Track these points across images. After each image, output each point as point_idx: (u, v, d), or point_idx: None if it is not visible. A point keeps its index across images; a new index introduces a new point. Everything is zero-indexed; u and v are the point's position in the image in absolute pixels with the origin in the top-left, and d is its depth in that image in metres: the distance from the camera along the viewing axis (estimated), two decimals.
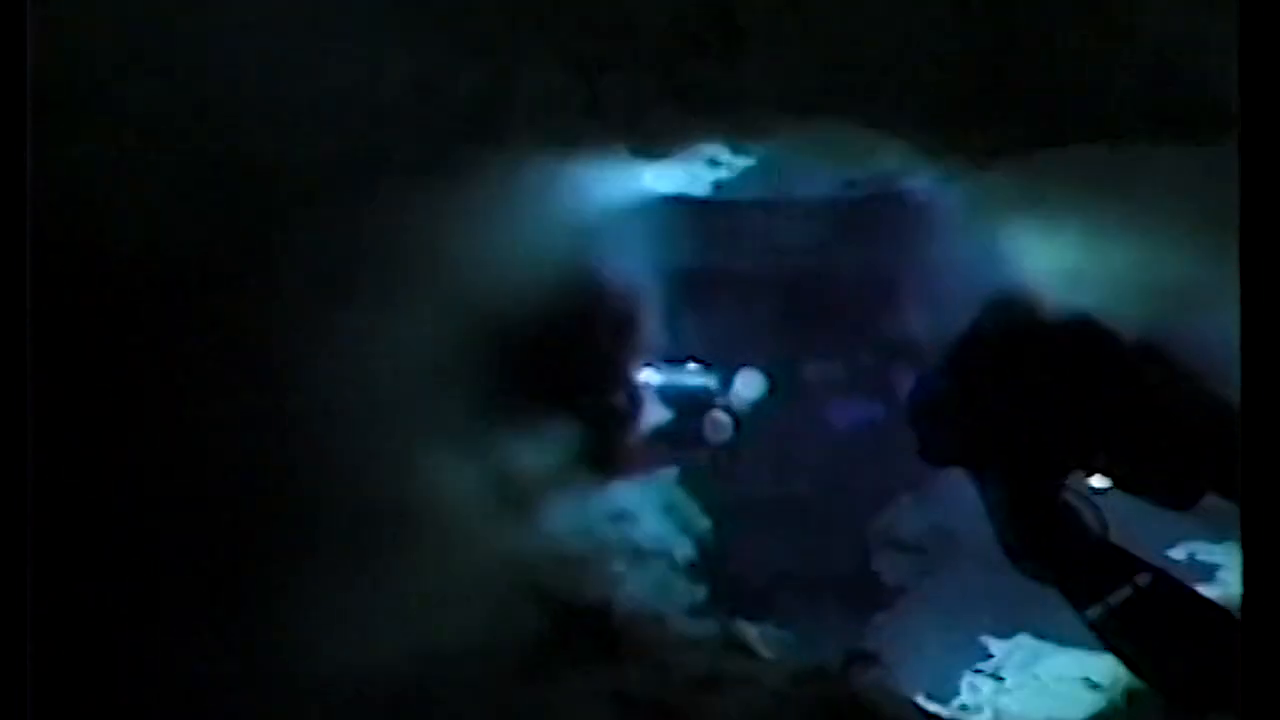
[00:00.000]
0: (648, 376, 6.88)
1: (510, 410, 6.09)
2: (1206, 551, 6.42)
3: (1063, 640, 6.00)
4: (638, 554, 7.40)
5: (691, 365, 7.39)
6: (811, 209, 8.08)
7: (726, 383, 7.69)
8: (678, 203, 7.11)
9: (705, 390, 7.51)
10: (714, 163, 6.23)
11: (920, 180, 6.41)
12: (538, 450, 6.50)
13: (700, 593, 7.39)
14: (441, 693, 4.27)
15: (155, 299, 4.52)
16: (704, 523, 8.17)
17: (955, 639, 6.58)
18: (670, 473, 8.51)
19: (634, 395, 6.76)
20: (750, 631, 6.06)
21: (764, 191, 7.46)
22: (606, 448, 7.00)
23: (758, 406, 7.38)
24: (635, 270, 7.09)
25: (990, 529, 6.03)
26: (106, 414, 4.31)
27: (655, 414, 7.12)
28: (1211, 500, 4.87)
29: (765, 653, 5.81)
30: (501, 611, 4.94)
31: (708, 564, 7.99)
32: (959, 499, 7.89)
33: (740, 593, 8.48)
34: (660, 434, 7.21)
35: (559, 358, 6.35)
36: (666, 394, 7.23)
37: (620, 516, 7.76)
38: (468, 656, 4.47)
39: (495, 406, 5.89)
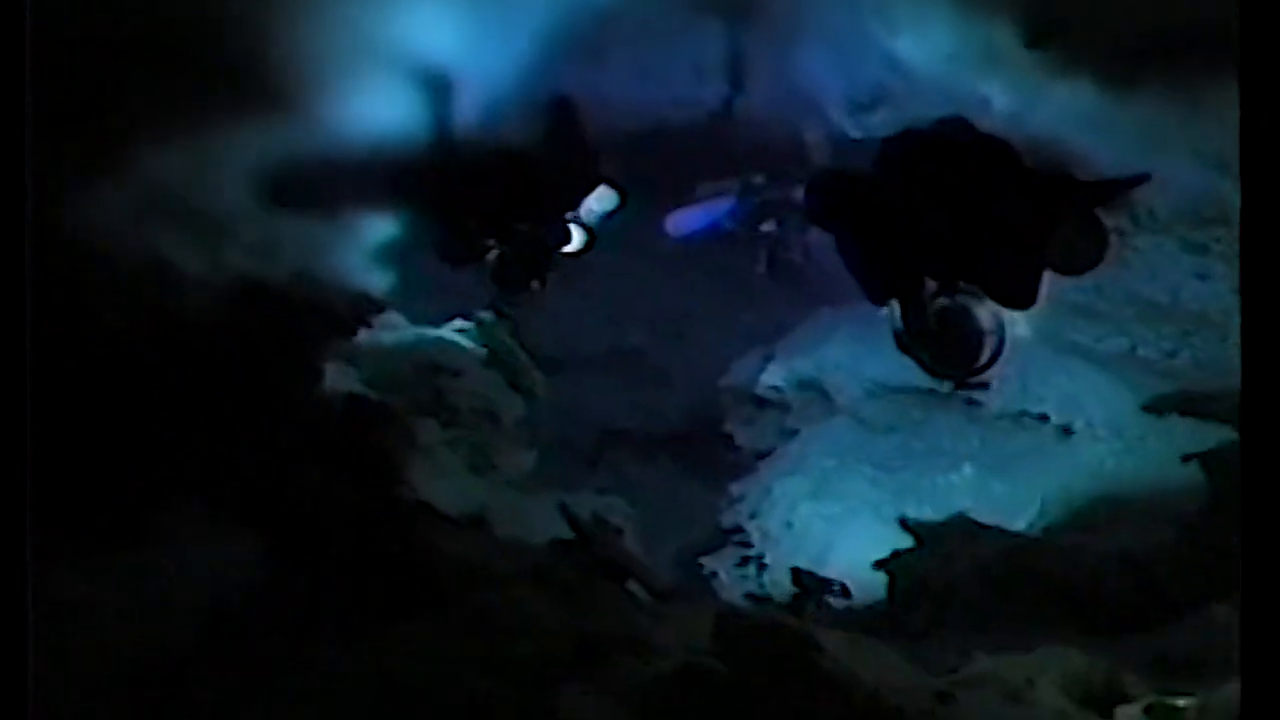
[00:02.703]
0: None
1: None
2: None
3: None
4: (455, 414, 6.11)
5: None
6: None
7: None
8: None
9: None
10: None
11: None
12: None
13: (530, 460, 6.21)
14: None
15: None
16: (535, 376, 6.92)
17: (832, 511, 5.56)
18: (497, 319, 7.21)
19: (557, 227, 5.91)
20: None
21: None
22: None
23: (608, 218, 6.23)
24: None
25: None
26: None
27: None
28: None
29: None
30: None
31: (539, 427, 6.81)
32: (826, 346, 6.93)
33: (575, 462, 7.41)
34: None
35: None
36: None
37: (437, 369, 6.42)
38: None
39: None
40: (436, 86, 5.86)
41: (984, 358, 4.47)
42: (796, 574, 4.37)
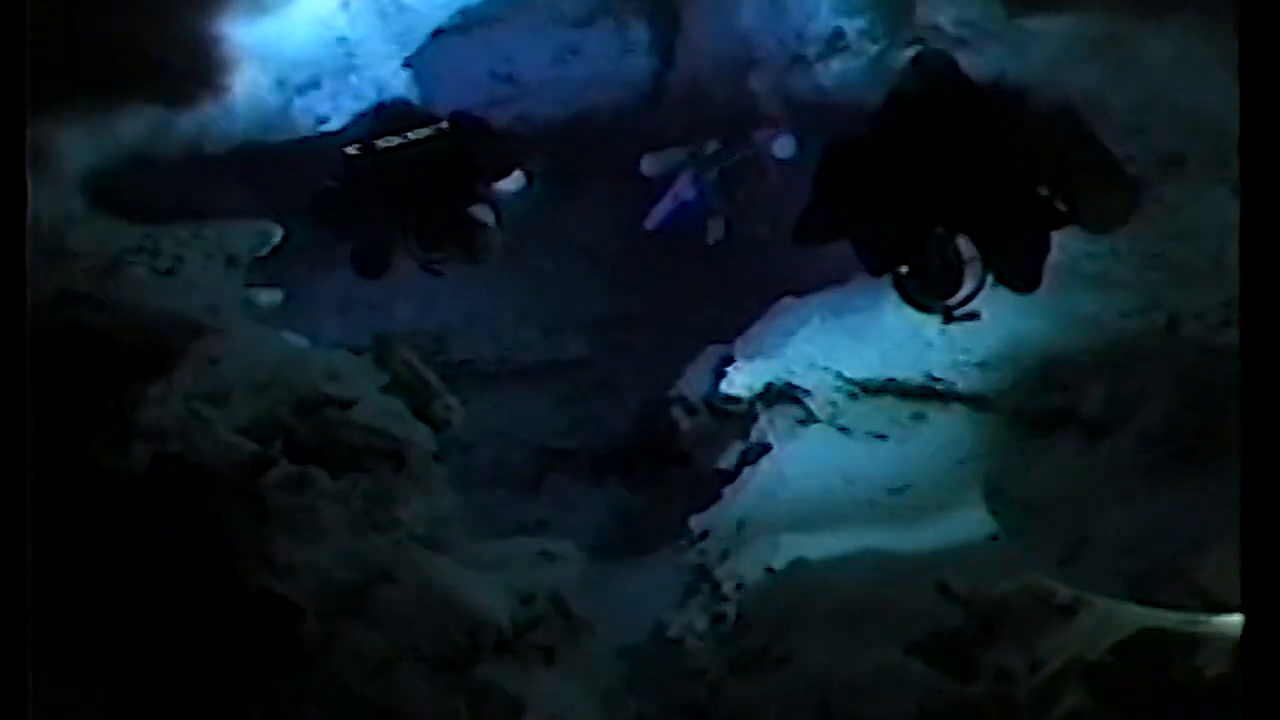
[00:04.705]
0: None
1: None
2: None
3: None
4: (347, 457, 4.92)
5: None
6: None
7: None
8: None
9: None
10: None
11: None
12: None
13: (441, 506, 5.02)
14: None
15: None
16: (448, 401, 5.75)
17: (824, 552, 4.41)
18: (396, 334, 6.07)
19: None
20: None
21: None
22: None
23: (517, 198, 5.62)
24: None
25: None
26: None
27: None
28: None
29: None
30: None
31: (456, 461, 5.64)
32: (793, 342, 5.83)
33: (503, 502, 6.25)
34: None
35: None
36: None
37: (323, 401, 5.22)
38: None
39: None
40: None
41: (966, 288, 4.39)
42: None
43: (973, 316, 4.98)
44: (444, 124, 5.24)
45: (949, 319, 4.88)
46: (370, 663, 3.64)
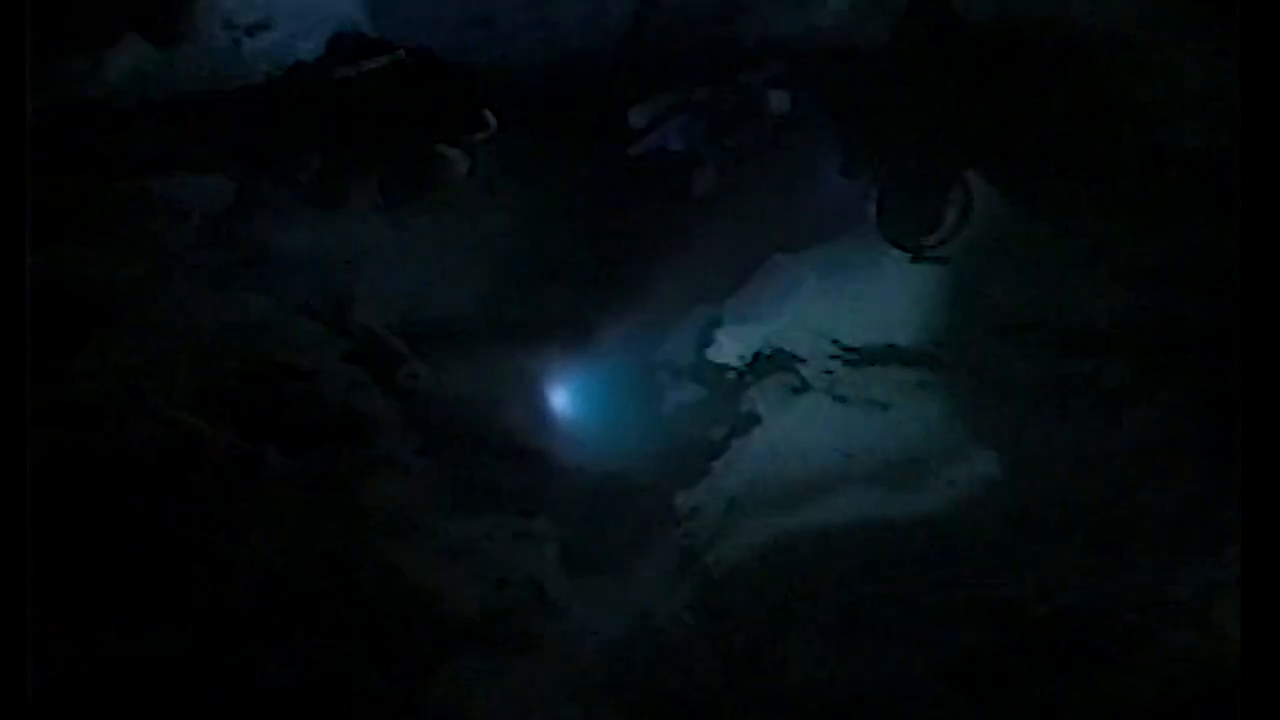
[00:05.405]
0: None
1: None
2: None
3: None
4: (305, 434, 4.52)
5: None
6: None
7: None
8: None
9: None
10: None
11: None
12: None
13: (406, 487, 4.63)
14: None
15: None
16: (415, 368, 5.37)
17: (823, 537, 4.03)
18: (361, 293, 5.68)
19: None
20: None
21: None
22: None
23: (486, 141, 5.59)
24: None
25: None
26: None
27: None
28: None
29: None
30: None
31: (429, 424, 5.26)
32: (787, 304, 5.44)
33: (479, 469, 5.89)
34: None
35: None
36: None
37: (282, 372, 4.82)
38: None
39: None
40: None
41: (941, 231, 4.41)
42: None
43: (942, 261, 4.94)
44: (401, 53, 4.94)
45: (917, 258, 4.92)
46: (322, 669, 3.28)
